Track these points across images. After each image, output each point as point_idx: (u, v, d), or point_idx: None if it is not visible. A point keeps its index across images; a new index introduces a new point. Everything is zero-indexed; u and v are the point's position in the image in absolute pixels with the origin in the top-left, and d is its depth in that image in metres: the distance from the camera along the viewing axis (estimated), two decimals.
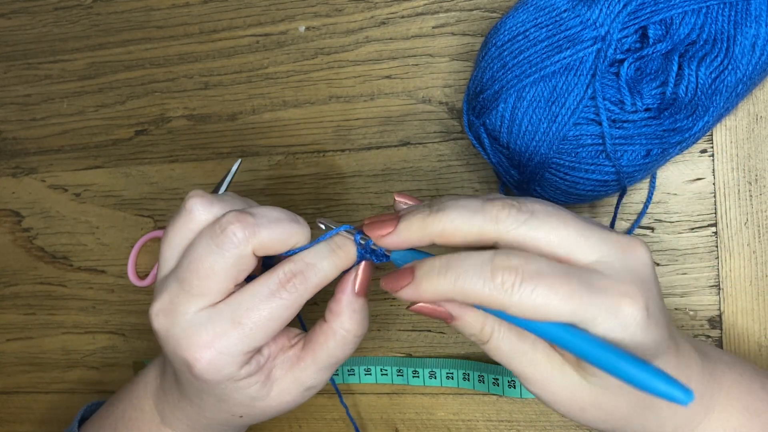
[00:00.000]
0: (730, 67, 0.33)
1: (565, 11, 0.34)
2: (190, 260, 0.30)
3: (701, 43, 0.34)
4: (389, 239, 0.29)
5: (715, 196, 0.40)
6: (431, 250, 0.31)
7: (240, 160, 0.42)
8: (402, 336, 0.45)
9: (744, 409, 0.31)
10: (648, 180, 0.40)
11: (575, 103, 0.34)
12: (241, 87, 0.47)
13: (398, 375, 0.45)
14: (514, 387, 0.42)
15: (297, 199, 0.46)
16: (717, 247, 0.40)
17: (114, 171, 0.50)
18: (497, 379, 0.42)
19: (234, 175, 0.40)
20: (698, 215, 0.40)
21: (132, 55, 0.49)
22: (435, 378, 0.44)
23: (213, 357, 0.30)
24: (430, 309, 0.29)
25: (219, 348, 0.30)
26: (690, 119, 0.34)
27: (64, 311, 0.51)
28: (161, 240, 0.33)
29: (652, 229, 0.41)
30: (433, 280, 0.27)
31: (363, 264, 0.32)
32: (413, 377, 0.44)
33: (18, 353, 0.53)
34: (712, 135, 0.40)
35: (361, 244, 0.32)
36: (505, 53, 0.35)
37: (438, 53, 0.43)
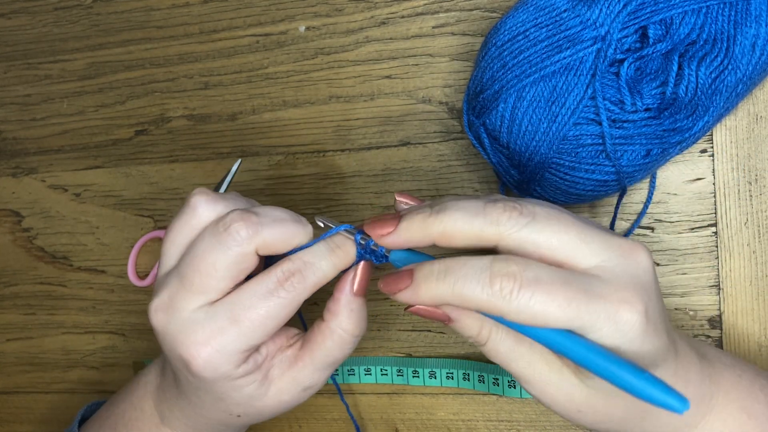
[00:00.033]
0: (730, 67, 0.33)
1: (565, 11, 0.34)
2: (192, 257, 0.30)
3: (701, 43, 0.34)
4: (389, 239, 0.29)
5: (715, 196, 0.40)
6: (431, 251, 0.31)
7: (240, 160, 0.41)
8: (402, 336, 0.45)
9: (742, 411, 0.31)
10: (648, 180, 0.40)
11: (575, 103, 0.34)
12: (241, 87, 0.47)
13: (398, 375, 0.45)
14: (514, 387, 0.42)
15: (297, 199, 0.46)
16: (717, 247, 0.40)
17: (114, 171, 0.50)
18: (497, 379, 0.42)
19: (234, 175, 0.40)
20: (698, 215, 0.40)
21: (132, 55, 0.49)
22: (435, 378, 0.44)
23: (210, 355, 0.30)
24: (429, 311, 0.29)
25: (216, 346, 0.30)
26: (690, 119, 0.34)
27: (64, 311, 0.51)
28: (164, 237, 0.33)
29: (652, 229, 0.41)
30: (432, 285, 0.27)
31: (362, 264, 0.32)
32: (413, 377, 0.44)
33: (18, 353, 0.53)
34: (712, 135, 0.40)
35: (361, 244, 0.31)
36: (505, 53, 0.35)
37: (438, 53, 0.43)
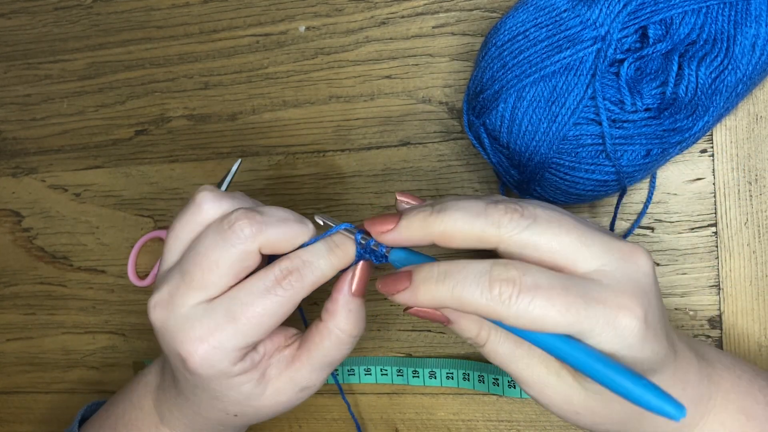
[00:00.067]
0: (730, 67, 0.33)
1: (565, 11, 0.34)
2: (195, 253, 0.31)
3: (701, 43, 0.34)
4: (389, 236, 0.29)
5: (715, 196, 0.40)
6: (430, 251, 0.31)
7: (240, 160, 0.41)
8: (402, 336, 0.45)
9: (741, 412, 0.31)
10: (648, 180, 0.40)
11: (575, 103, 0.34)
12: (241, 87, 0.47)
13: (398, 375, 0.45)
14: (514, 387, 0.42)
15: (297, 199, 0.46)
16: (717, 247, 0.40)
17: (114, 171, 0.50)
18: (497, 379, 0.42)
19: (234, 175, 0.40)
20: (698, 215, 0.40)
21: (132, 55, 0.49)
22: (435, 378, 0.44)
23: (207, 351, 0.30)
24: (428, 312, 0.29)
25: (213, 343, 0.30)
26: (690, 119, 0.34)
27: (64, 311, 0.51)
28: (167, 232, 0.33)
29: (652, 229, 0.41)
30: (431, 287, 0.27)
31: (361, 264, 0.32)
32: (413, 377, 0.44)
33: (18, 353, 0.53)
34: (712, 135, 0.40)
35: (361, 244, 0.31)
36: (505, 53, 0.35)
37: (438, 53, 0.43)
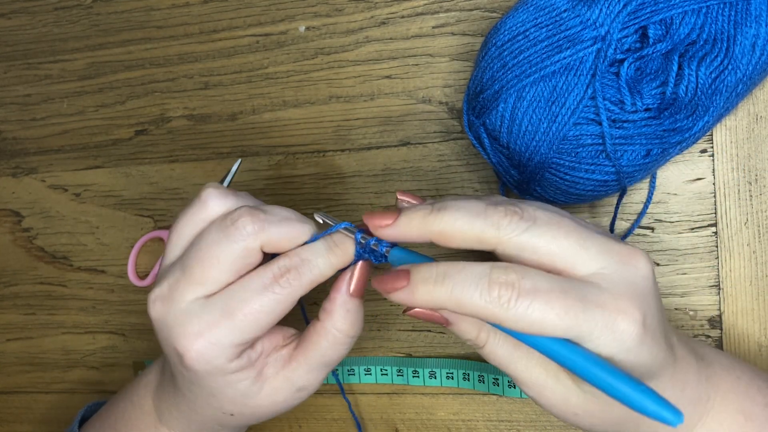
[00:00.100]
0: (730, 67, 0.33)
1: (565, 11, 0.34)
2: (197, 248, 0.31)
3: (701, 43, 0.34)
4: (387, 231, 0.29)
5: (715, 196, 0.40)
6: (428, 251, 0.31)
7: (240, 160, 0.41)
8: (402, 336, 0.45)
9: (739, 413, 0.31)
10: (648, 180, 0.40)
11: (575, 103, 0.34)
12: (241, 87, 0.47)
13: (398, 375, 0.45)
14: (514, 387, 0.42)
15: (297, 199, 0.46)
16: (717, 247, 0.40)
17: (114, 171, 0.50)
18: (497, 379, 0.42)
19: (234, 175, 0.40)
20: (698, 215, 0.40)
21: (132, 55, 0.49)
22: (435, 378, 0.44)
23: (203, 347, 0.30)
24: (427, 314, 0.29)
25: (209, 338, 0.30)
26: (690, 119, 0.34)
27: (64, 311, 0.51)
28: (171, 228, 0.33)
29: (652, 229, 0.41)
30: (429, 288, 0.27)
31: (360, 264, 0.32)
32: (413, 377, 0.44)
33: (18, 353, 0.53)
34: (712, 135, 0.40)
35: (361, 243, 0.31)
36: (505, 53, 0.35)
37: (438, 53, 0.43)
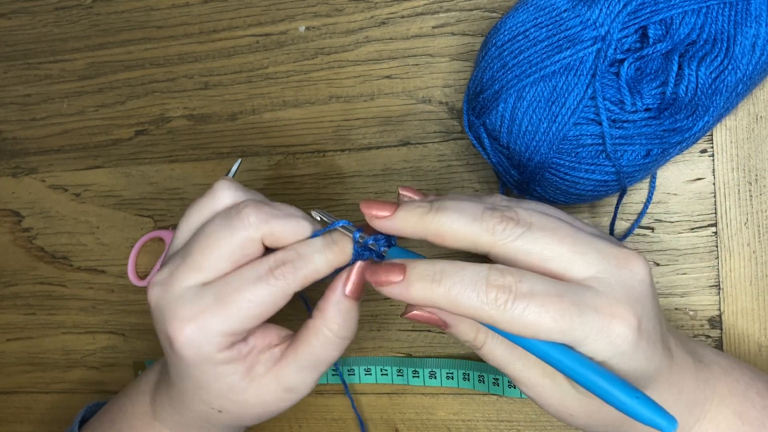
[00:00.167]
0: (730, 67, 0.33)
1: (565, 11, 0.34)
2: (200, 235, 0.31)
3: (701, 43, 0.34)
4: (384, 223, 0.29)
5: (715, 196, 0.40)
6: (427, 252, 0.31)
7: (240, 160, 0.42)
8: (402, 336, 0.45)
9: (737, 416, 0.31)
10: (648, 180, 0.40)
11: (575, 103, 0.34)
12: (241, 87, 0.47)
13: (398, 375, 0.45)
14: (514, 387, 0.42)
15: (297, 199, 0.46)
16: (717, 247, 0.40)
17: (114, 171, 0.50)
18: (497, 379, 0.42)
19: (234, 175, 0.40)
20: (698, 215, 0.40)
21: (132, 55, 0.49)
22: (435, 378, 0.44)
23: (193, 332, 0.30)
24: (425, 316, 0.29)
25: (200, 324, 0.30)
26: (690, 119, 0.34)
27: (64, 311, 0.51)
28: (181, 217, 0.33)
29: (652, 229, 0.41)
30: (426, 285, 0.27)
31: (358, 264, 0.32)
32: (413, 377, 0.44)
33: (18, 353, 0.53)
34: (712, 135, 0.40)
35: (359, 242, 0.31)
36: (505, 53, 0.35)
37: (438, 53, 0.43)
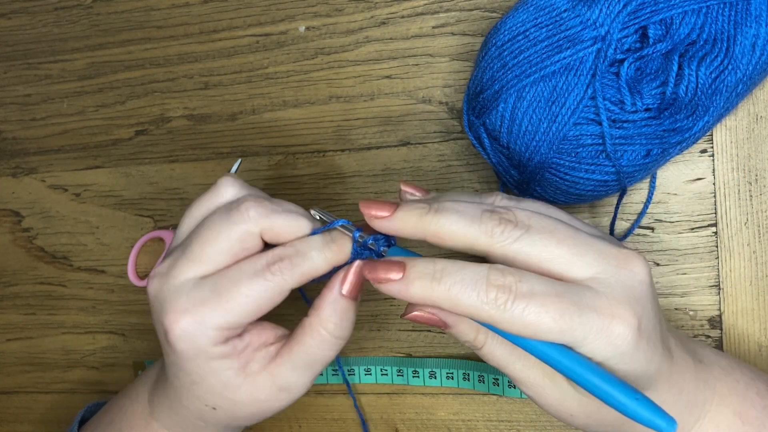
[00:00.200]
0: (730, 67, 0.33)
1: (565, 11, 0.34)
2: (200, 228, 0.32)
3: (701, 43, 0.34)
4: (383, 223, 0.29)
5: (715, 196, 0.40)
6: (424, 249, 0.31)
7: (240, 160, 0.42)
8: (402, 336, 0.45)
9: (737, 416, 0.31)
10: (648, 180, 0.40)
11: (575, 103, 0.34)
12: (241, 87, 0.47)
13: (398, 375, 0.45)
14: (514, 387, 0.42)
15: (297, 199, 0.46)
16: (717, 247, 0.40)
17: (114, 171, 0.50)
18: (497, 379, 0.42)
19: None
20: (698, 215, 0.40)
21: (132, 55, 0.49)
22: (435, 378, 0.44)
23: (188, 324, 0.30)
24: (426, 317, 0.29)
25: (195, 316, 0.30)
26: (690, 119, 0.34)
27: (64, 311, 0.51)
28: (184, 212, 0.34)
29: (652, 229, 0.41)
30: (426, 283, 0.27)
31: (356, 264, 0.32)
32: (413, 377, 0.44)
33: (18, 353, 0.53)
34: (712, 135, 0.40)
35: (358, 242, 0.31)
36: (505, 53, 0.35)
37: (438, 53, 0.43)
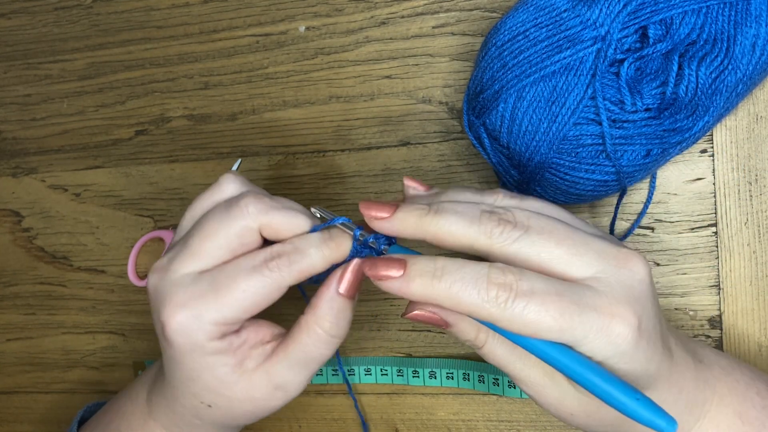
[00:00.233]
0: (730, 67, 0.33)
1: (565, 11, 0.34)
2: (200, 223, 0.32)
3: (701, 43, 0.34)
4: (382, 224, 0.29)
5: (715, 196, 0.40)
6: (429, 250, 0.31)
7: (240, 160, 0.42)
8: (402, 336, 0.45)
9: (737, 416, 0.31)
10: (648, 180, 0.40)
11: (575, 103, 0.34)
12: (241, 87, 0.47)
13: (398, 375, 0.45)
14: (514, 387, 0.42)
15: (297, 199, 0.46)
16: (717, 247, 0.40)
17: (114, 171, 0.50)
18: (497, 379, 0.42)
19: None
20: (698, 215, 0.40)
21: (132, 55, 0.49)
22: (435, 378, 0.44)
23: (185, 318, 0.30)
24: (427, 316, 0.29)
25: (192, 311, 0.30)
26: (690, 119, 0.34)
27: (64, 311, 0.51)
28: (186, 209, 0.34)
29: (652, 229, 0.41)
30: (426, 281, 0.27)
31: (354, 263, 0.32)
32: (413, 377, 0.44)
33: (18, 353, 0.53)
34: (712, 135, 0.40)
35: (359, 240, 0.31)
36: (505, 53, 0.35)
37: (438, 53, 0.43)
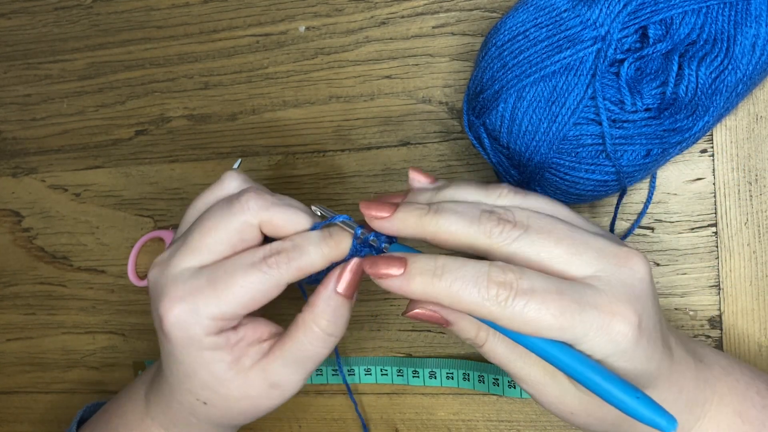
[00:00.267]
0: (730, 67, 0.33)
1: (565, 11, 0.34)
2: (201, 219, 0.32)
3: (701, 43, 0.34)
4: (382, 224, 0.29)
5: (715, 196, 0.40)
6: (422, 247, 0.31)
7: (240, 160, 0.42)
8: (402, 336, 0.45)
9: (737, 415, 0.31)
10: (648, 180, 0.40)
11: (575, 103, 0.34)
12: (241, 87, 0.47)
13: (398, 375, 0.45)
14: (514, 387, 0.42)
15: (297, 199, 0.46)
16: (717, 247, 0.40)
17: (114, 171, 0.50)
18: (497, 379, 0.42)
19: None
20: (698, 215, 0.40)
21: (132, 55, 0.49)
22: (435, 378, 0.44)
23: (182, 312, 0.30)
24: (428, 315, 0.29)
25: (189, 305, 0.30)
26: (690, 119, 0.34)
27: (64, 311, 0.51)
28: (188, 206, 0.34)
29: (652, 229, 0.41)
30: (427, 279, 0.27)
31: (352, 262, 0.31)
32: (413, 377, 0.44)
33: (18, 353, 0.53)
34: (712, 135, 0.40)
35: (359, 238, 0.31)
36: (505, 53, 0.35)
37: (438, 53, 0.43)
